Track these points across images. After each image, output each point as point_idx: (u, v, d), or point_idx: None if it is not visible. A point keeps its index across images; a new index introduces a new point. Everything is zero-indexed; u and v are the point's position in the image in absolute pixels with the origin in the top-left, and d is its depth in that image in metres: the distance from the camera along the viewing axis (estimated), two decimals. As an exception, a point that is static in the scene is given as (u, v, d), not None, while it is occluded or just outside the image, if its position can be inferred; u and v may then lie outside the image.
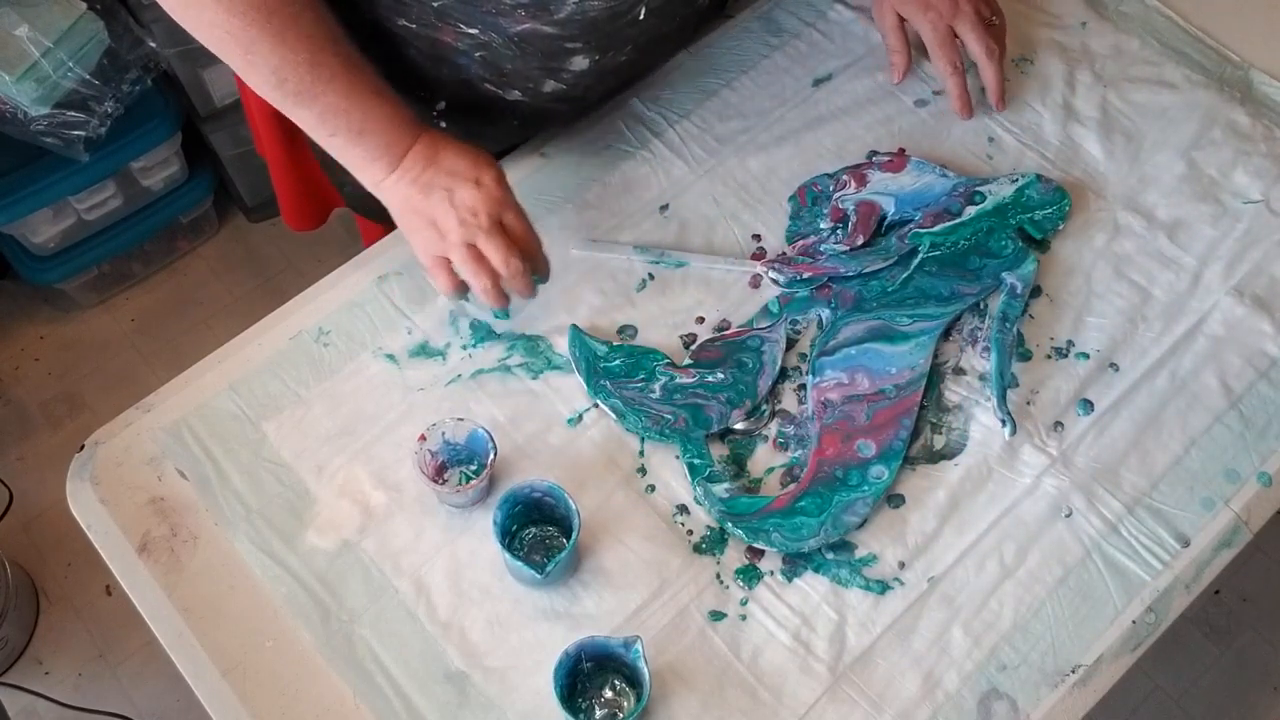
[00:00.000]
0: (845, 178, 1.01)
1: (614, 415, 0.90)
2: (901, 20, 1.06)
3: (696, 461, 0.88)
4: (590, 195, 1.02)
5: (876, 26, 1.10)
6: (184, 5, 0.78)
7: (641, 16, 0.89)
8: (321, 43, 0.80)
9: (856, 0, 1.13)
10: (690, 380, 0.91)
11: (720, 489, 0.86)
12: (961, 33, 1.04)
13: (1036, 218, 0.98)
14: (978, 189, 0.98)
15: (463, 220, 0.85)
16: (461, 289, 0.89)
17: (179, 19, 0.80)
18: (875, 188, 1.00)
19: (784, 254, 0.98)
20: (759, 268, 0.97)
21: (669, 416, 0.89)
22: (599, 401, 0.90)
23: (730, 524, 0.85)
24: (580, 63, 0.93)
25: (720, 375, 0.91)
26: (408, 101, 0.88)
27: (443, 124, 0.99)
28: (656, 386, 0.91)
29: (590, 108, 1.05)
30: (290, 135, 1.14)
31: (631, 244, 0.98)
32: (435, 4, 0.85)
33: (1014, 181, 0.99)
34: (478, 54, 0.91)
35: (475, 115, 0.99)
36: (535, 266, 0.89)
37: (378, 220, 1.10)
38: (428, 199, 0.86)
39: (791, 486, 0.87)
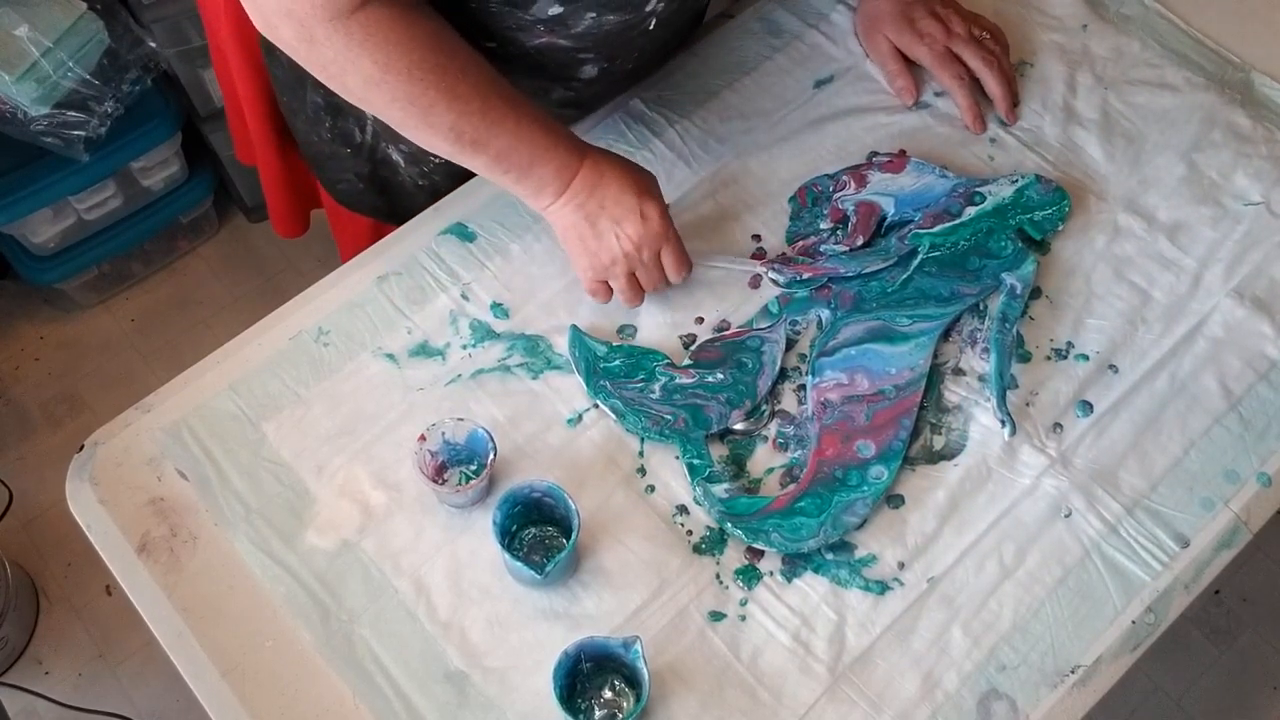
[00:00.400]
0: (845, 178, 1.01)
1: (614, 415, 0.90)
2: (896, 47, 1.07)
3: (696, 462, 0.88)
4: (590, 196, 1.02)
5: (871, 58, 1.10)
6: (367, 84, 0.80)
7: (651, 28, 0.91)
8: (487, 88, 0.83)
9: (858, 2, 1.13)
10: (690, 380, 0.91)
11: (720, 489, 0.86)
12: (958, 51, 1.05)
13: (1036, 218, 0.98)
14: (977, 190, 0.99)
15: (627, 254, 0.89)
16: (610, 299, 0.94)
17: (360, 102, 0.83)
18: (875, 188, 1.00)
19: (784, 254, 0.99)
20: (759, 267, 0.97)
21: (669, 417, 0.89)
22: (599, 402, 0.90)
23: (730, 524, 0.85)
24: (590, 71, 0.95)
25: (720, 375, 0.91)
26: None
27: None
28: (656, 387, 0.91)
29: (593, 111, 1.06)
30: (281, 142, 1.15)
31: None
32: (455, 18, 0.86)
33: (1014, 182, 0.99)
34: (494, 64, 0.92)
35: None
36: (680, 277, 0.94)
37: (369, 214, 1.11)
38: (594, 229, 0.89)
39: (791, 487, 0.87)
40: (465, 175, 1.02)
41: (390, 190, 1.09)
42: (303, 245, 2.02)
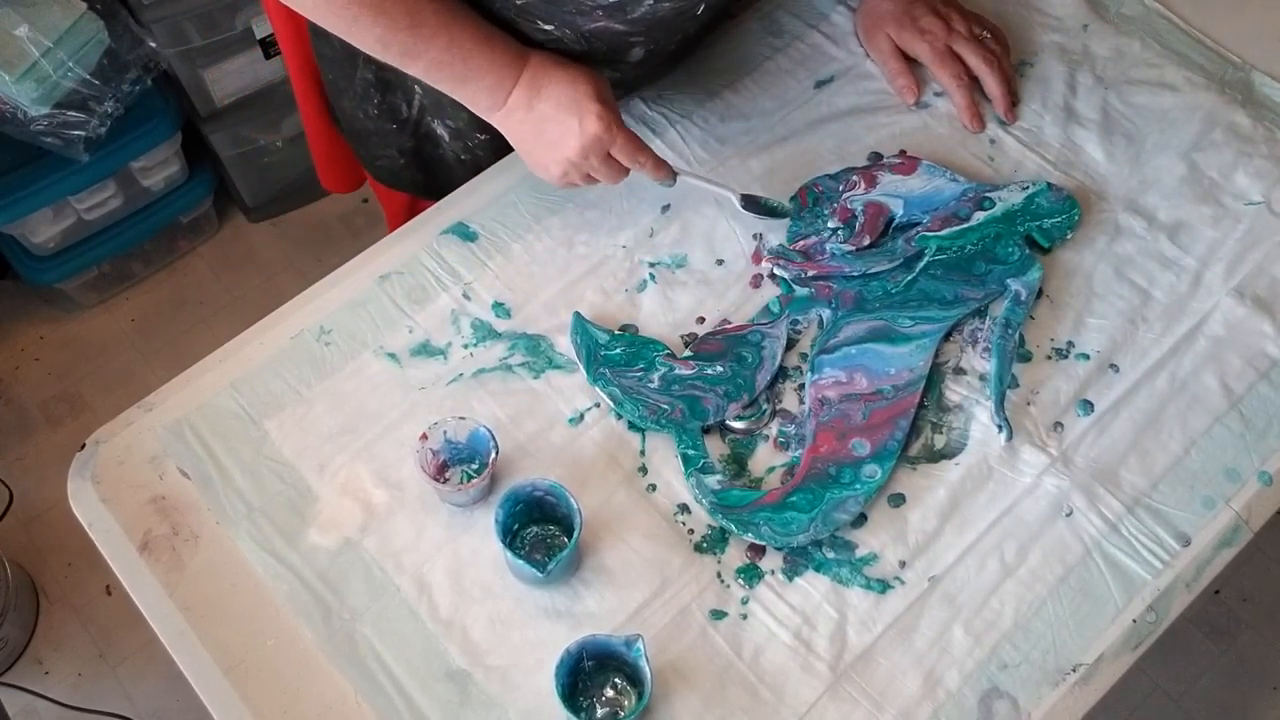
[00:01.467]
0: (855, 178, 1.01)
1: (611, 403, 0.90)
2: (897, 45, 1.08)
3: (691, 453, 0.88)
4: (591, 194, 1.02)
5: (872, 57, 1.10)
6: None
7: (700, 12, 0.93)
8: (417, 5, 0.84)
9: (859, 1, 1.14)
10: (689, 372, 0.91)
11: (713, 480, 0.87)
12: (958, 50, 1.06)
13: (1045, 226, 0.98)
14: (987, 195, 0.98)
15: (574, 163, 0.91)
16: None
17: (289, 3, 0.85)
18: (885, 189, 1.00)
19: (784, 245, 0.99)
20: (765, 262, 0.97)
21: (666, 407, 0.89)
22: (597, 389, 0.90)
23: (720, 515, 0.85)
24: (637, 54, 0.97)
25: (719, 368, 0.91)
26: None
27: None
28: (655, 376, 0.91)
29: (634, 91, 1.08)
30: (324, 105, 1.16)
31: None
32: (519, 1, 0.89)
33: (1024, 189, 0.99)
34: (549, 46, 0.95)
35: None
36: (651, 172, 0.95)
37: (408, 190, 1.14)
38: (539, 141, 0.91)
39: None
40: (508, 150, 1.04)
41: (431, 165, 1.11)
42: (303, 245, 2.03)
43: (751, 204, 0.99)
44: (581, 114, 0.89)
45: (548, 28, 0.91)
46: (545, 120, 0.90)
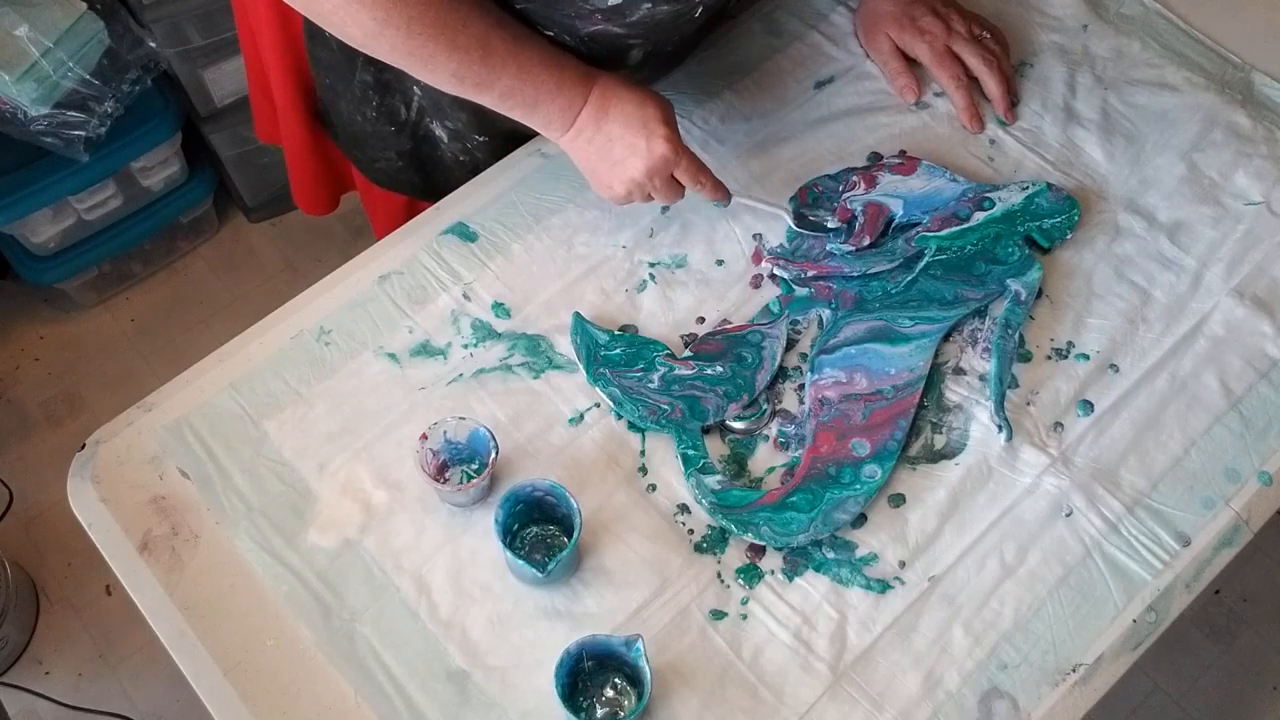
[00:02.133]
0: (855, 178, 1.01)
1: (611, 403, 0.90)
2: (897, 45, 1.08)
3: (691, 453, 0.88)
4: (592, 195, 1.02)
5: (872, 57, 1.10)
6: (368, 36, 0.83)
7: (698, 14, 0.93)
8: (488, 35, 0.85)
9: (859, 2, 1.14)
10: (689, 372, 0.91)
11: (713, 480, 0.87)
12: (958, 50, 1.06)
13: (1045, 226, 0.98)
14: (987, 195, 0.98)
15: (638, 184, 0.92)
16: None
17: (364, 49, 0.85)
18: (885, 189, 1.00)
19: (783, 245, 0.99)
20: (765, 263, 0.97)
21: (666, 407, 0.89)
22: (597, 389, 0.90)
23: (720, 515, 0.85)
24: (636, 56, 0.98)
25: (719, 368, 0.91)
26: None
27: None
28: (655, 377, 0.91)
29: None
30: (310, 123, 1.16)
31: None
32: (519, 5, 0.89)
33: (1024, 189, 0.99)
34: None
35: None
36: (709, 194, 0.96)
37: (405, 192, 1.14)
38: (605, 161, 0.92)
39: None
40: (505, 152, 1.04)
41: (429, 167, 1.11)
42: (303, 245, 2.03)
43: (804, 222, 0.99)
44: (649, 135, 0.90)
45: (547, 32, 0.91)
46: (613, 140, 0.90)
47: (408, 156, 1.09)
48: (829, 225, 0.99)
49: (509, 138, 1.05)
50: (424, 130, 1.07)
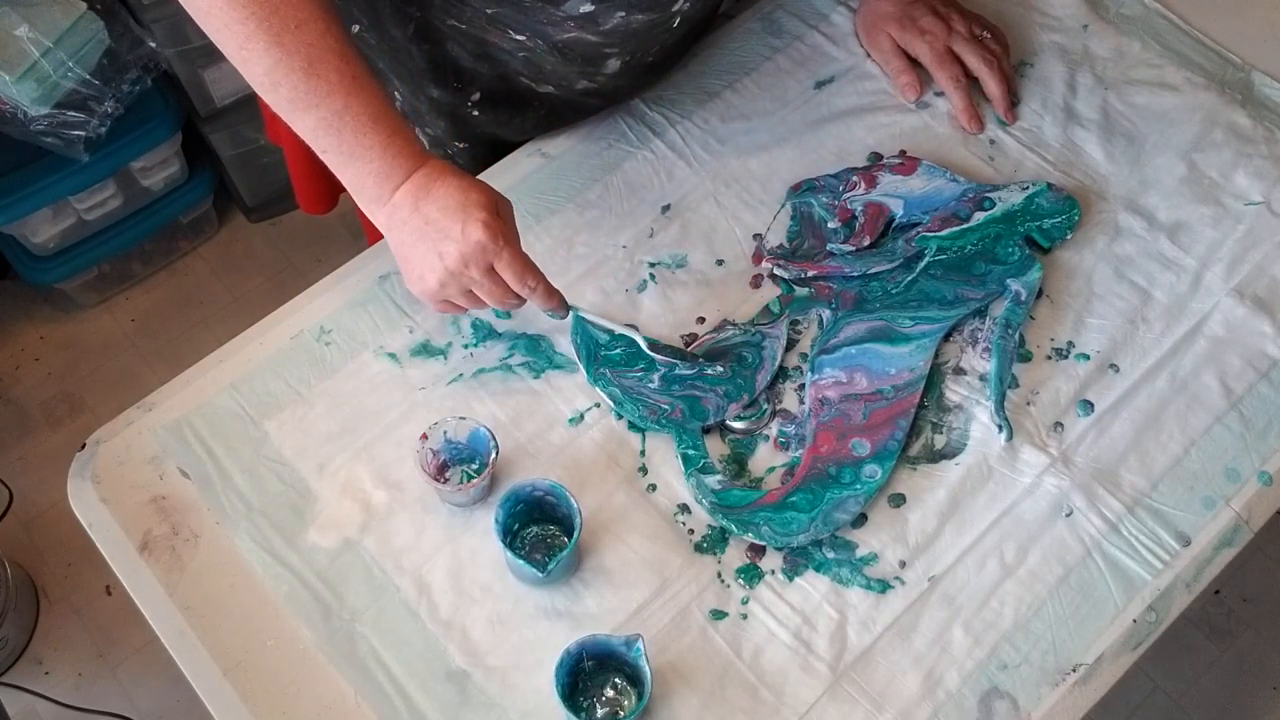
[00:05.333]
0: (855, 178, 1.01)
1: (611, 403, 0.90)
2: (897, 44, 1.08)
3: (691, 453, 0.88)
4: (591, 195, 1.02)
5: (873, 57, 1.10)
6: (218, 10, 0.76)
7: (676, 24, 0.92)
8: (323, 54, 0.77)
9: (860, 2, 1.14)
10: (689, 372, 0.91)
11: (713, 480, 0.87)
12: (958, 50, 1.06)
13: (1045, 226, 0.98)
14: (987, 195, 0.98)
15: (453, 273, 0.83)
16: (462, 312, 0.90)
17: (185, 5, 0.78)
18: (885, 189, 1.00)
19: (783, 245, 0.99)
20: (765, 263, 0.97)
21: (666, 407, 0.89)
22: (597, 389, 0.90)
23: (720, 515, 0.85)
24: (613, 65, 0.96)
25: (719, 369, 0.91)
26: (443, 91, 0.87)
27: (475, 112, 1.01)
28: (655, 377, 0.91)
29: (616, 101, 1.07)
30: None
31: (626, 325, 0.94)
32: (489, 10, 0.87)
33: (1024, 189, 0.99)
34: (521, 54, 0.93)
35: (507, 106, 1.01)
36: (541, 301, 0.87)
37: None
38: (419, 248, 0.83)
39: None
40: (489, 161, 1.02)
41: None
42: (303, 245, 2.03)
43: (656, 347, 0.92)
44: (466, 219, 0.81)
45: (519, 38, 0.90)
46: (428, 223, 0.82)
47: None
48: (684, 357, 0.93)
49: (491, 145, 1.04)
50: None
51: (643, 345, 0.91)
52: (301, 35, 0.76)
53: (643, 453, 0.89)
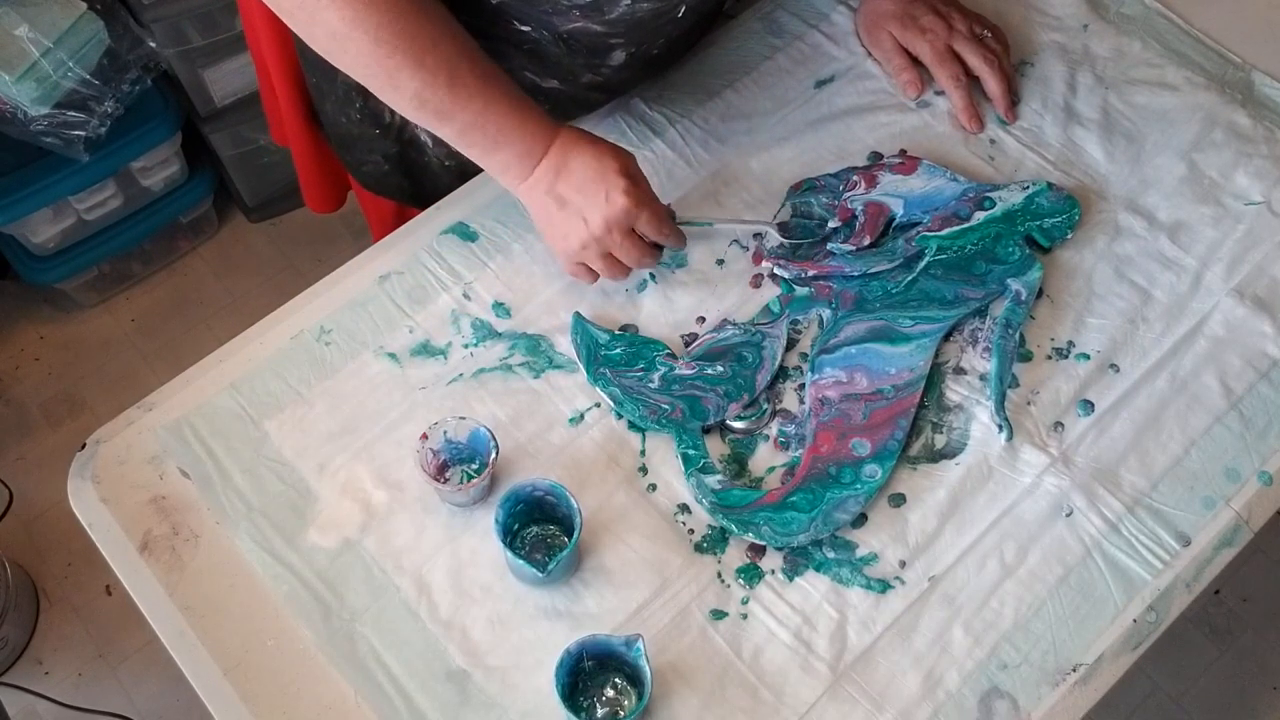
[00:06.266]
0: (855, 178, 1.01)
1: (612, 403, 0.90)
2: (898, 42, 1.08)
3: (691, 453, 0.88)
4: (592, 195, 1.02)
5: (873, 53, 1.10)
6: (331, 39, 0.81)
7: (681, 15, 0.92)
8: (457, 61, 0.83)
9: (858, 2, 1.14)
10: (689, 372, 0.91)
11: (713, 480, 0.87)
12: (959, 49, 1.06)
13: (1045, 226, 0.98)
14: (988, 195, 0.98)
15: (596, 238, 0.89)
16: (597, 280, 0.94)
17: (327, 55, 0.83)
18: (885, 189, 1.00)
19: (784, 243, 0.99)
20: (765, 263, 0.97)
21: (666, 407, 0.89)
22: (597, 389, 0.90)
23: (720, 515, 0.85)
24: (618, 57, 0.96)
25: (719, 368, 0.91)
26: None
27: None
28: (655, 376, 0.91)
29: (619, 95, 1.07)
30: (312, 122, 1.15)
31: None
32: (494, 1, 0.88)
33: (1025, 189, 0.99)
34: (526, 47, 0.94)
35: None
36: (672, 244, 0.94)
37: (394, 197, 1.12)
38: (562, 213, 0.88)
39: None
40: None
41: (416, 172, 1.10)
42: (303, 245, 2.03)
43: (790, 233, 0.98)
44: (610, 187, 0.87)
45: (524, 28, 0.90)
46: (573, 192, 0.88)
47: (394, 160, 1.09)
48: (817, 233, 0.99)
49: None
50: (409, 134, 1.06)
51: (776, 234, 0.96)
52: (440, 52, 0.82)
53: (643, 452, 0.89)
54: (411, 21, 0.80)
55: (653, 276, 0.97)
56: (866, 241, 0.97)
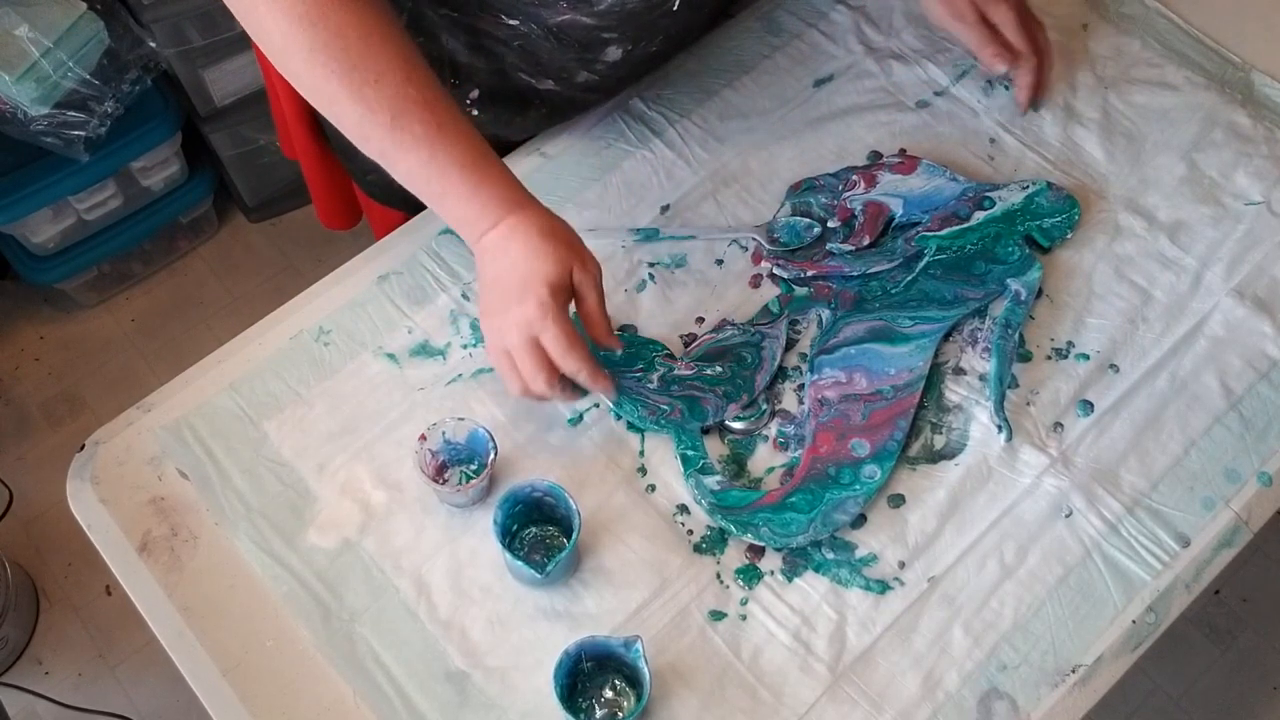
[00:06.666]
0: (855, 177, 1.01)
1: (610, 404, 0.90)
2: (980, 12, 1.03)
3: (690, 453, 0.88)
4: (590, 195, 1.02)
5: (946, 29, 1.06)
6: (274, 53, 0.78)
7: (675, 8, 0.90)
8: (406, 105, 0.77)
9: (857, 1, 1.13)
10: (688, 372, 0.91)
11: (712, 481, 0.87)
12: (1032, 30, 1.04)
13: (1045, 225, 0.98)
14: (987, 194, 0.98)
15: (502, 331, 0.82)
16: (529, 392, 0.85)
17: (281, 70, 0.79)
18: (884, 189, 1.00)
19: (773, 234, 0.98)
20: (765, 263, 0.97)
21: (665, 407, 0.89)
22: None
23: (719, 516, 0.85)
24: (614, 53, 0.95)
25: (718, 369, 0.91)
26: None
27: (475, 111, 1.00)
28: (654, 377, 0.91)
29: (616, 95, 1.06)
30: (320, 137, 1.14)
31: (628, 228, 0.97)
32: None
33: (1024, 189, 0.99)
34: (516, 43, 0.92)
35: (507, 104, 1.00)
36: (583, 380, 0.84)
37: (398, 206, 1.11)
38: (486, 298, 0.83)
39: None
40: None
41: None
42: (303, 245, 2.03)
43: (772, 238, 0.97)
44: (525, 291, 0.80)
45: (512, 23, 0.89)
46: (497, 280, 0.82)
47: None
48: (805, 238, 0.98)
49: (491, 146, 1.03)
50: None
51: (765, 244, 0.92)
52: (382, 89, 0.76)
53: (642, 453, 0.89)
54: (354, 45, 0.75)
55: (652, 277, 0.97)
56: (866, 241, 0.97)
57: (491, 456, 0.84)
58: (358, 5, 0.76)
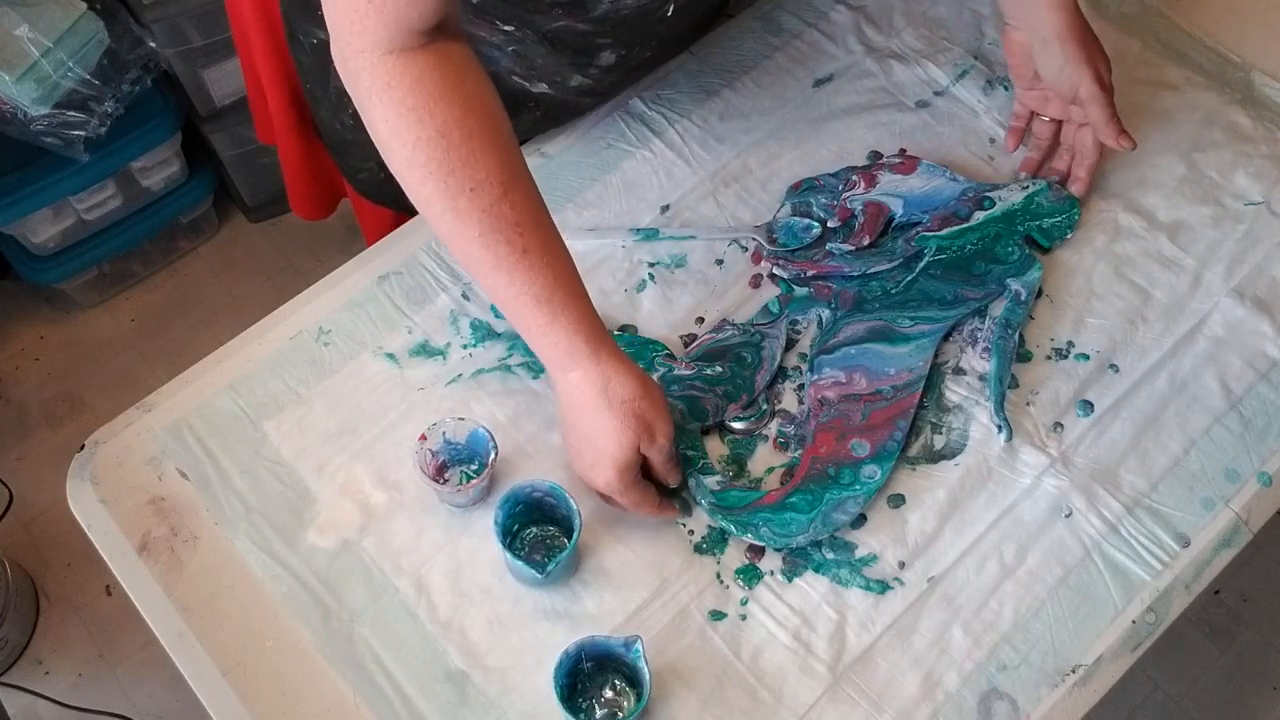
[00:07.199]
0: (855, 177, 1.01)
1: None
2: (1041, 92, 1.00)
3: (690, 453, 0.88)
4: (591, 195, 1.02)
5: (1015, 75, 1.01)
6: (379, 143, 0.76)
7: (670, 14, 0.90)
8: (495, 223, 0.75)
9: (857, 1, 1.13)
10: (688, 372, 0.91)
11: (712, 481, 0.87)
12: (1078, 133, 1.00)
13: (1045, 225, 0.98)
14: (987, 194, 0.98)
15: (597, 487, 0.83)
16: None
17: (381, 153, 0.77)
18: (884, 189, 1.00)
19: (772, 234, 0.98)
20: (765, 263, 0.97)
21: None
22: None
23: (720, 516, 0.85)
24: (608, 58, 0.95)
25: (718, 369, 0.91)
26: None
27: None
28: (654, 377, 0.91)
29: (609, 99, 1.05)
30: (303, 125, 1.14)
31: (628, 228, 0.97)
32: (475, 1, 0.86)
33: (1024, 189, 0.99)
34: (510, 48, 0.92)
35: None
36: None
37: (390, 205, 1.11)
38: (568, 436, 0.83)
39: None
40: None
41: None
42: (303, 245, 2.03)
43: (771, 238, 0.97)
44: (596, 463, 0.80)
45: (507, 28, 0.89)
46: (575, 429, 0.82)
47: (388, 168, 1.07)
48: (803, 239, 0.98)
49: None
50: None
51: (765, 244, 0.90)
52: (476, 200, 0.74)
53: (642, 453, 0.89)
54: (456, 147, 0.73)
55: (652, 277, 0.97)
56: (866, 241, 0.97)
57: (492, 456, 0.84)
58: (465, 102, 0.74)
